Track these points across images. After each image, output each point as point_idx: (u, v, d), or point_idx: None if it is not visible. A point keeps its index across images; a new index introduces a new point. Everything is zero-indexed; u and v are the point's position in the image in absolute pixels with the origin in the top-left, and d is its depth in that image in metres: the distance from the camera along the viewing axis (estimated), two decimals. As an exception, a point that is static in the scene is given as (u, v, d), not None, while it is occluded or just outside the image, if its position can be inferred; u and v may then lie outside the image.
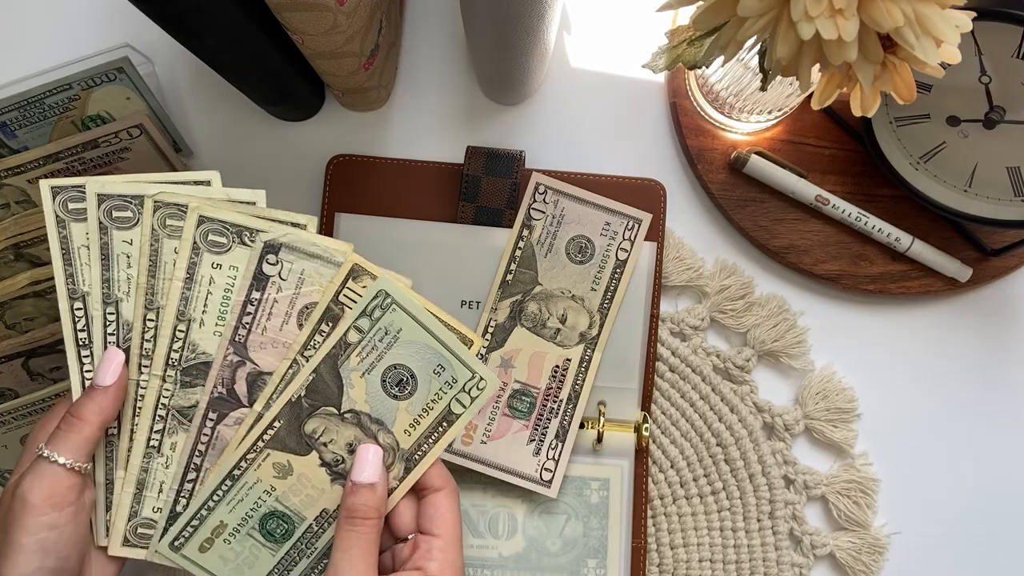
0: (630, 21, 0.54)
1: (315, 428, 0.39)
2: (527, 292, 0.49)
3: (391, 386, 0.39)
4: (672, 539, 0.51)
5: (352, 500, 0.38)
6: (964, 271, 0.52)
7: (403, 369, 0.39)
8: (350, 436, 0.39)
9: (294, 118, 0.53)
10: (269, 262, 0.39)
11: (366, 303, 0.38)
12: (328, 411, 0.39)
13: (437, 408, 0.39)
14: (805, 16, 0.29)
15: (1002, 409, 0.53)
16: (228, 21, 0.39)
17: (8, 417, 0.46)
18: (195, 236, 0.38)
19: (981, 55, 0.43)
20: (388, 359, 0.39)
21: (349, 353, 0.39)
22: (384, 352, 0.39)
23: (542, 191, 0.49)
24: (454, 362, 0.39)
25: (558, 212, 0.49)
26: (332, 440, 0.39)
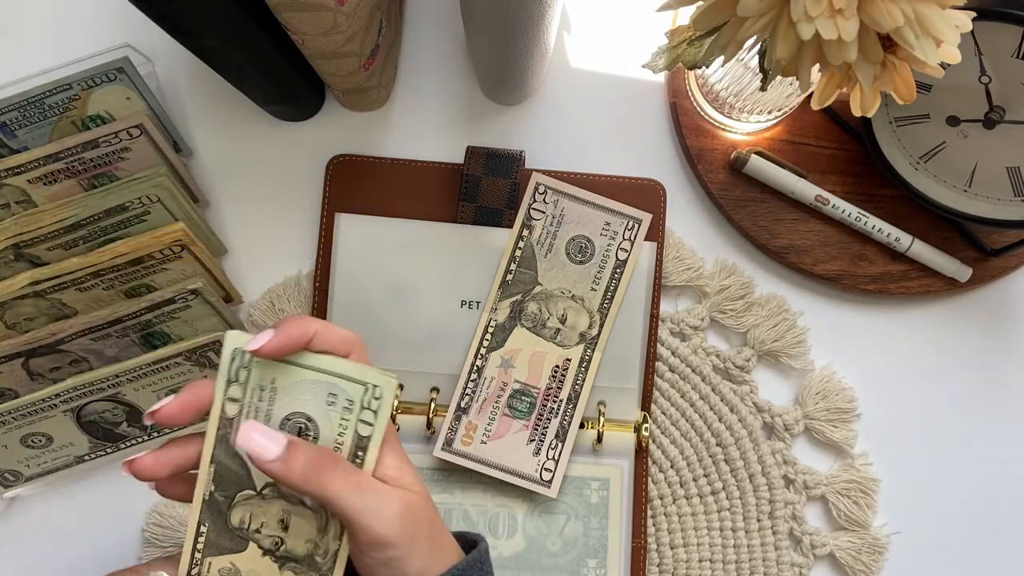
0: (630, 21, 0.54)
1: (241, 518, 0.36)
2: (527, 292, 0.49)
3: None
4: (672, 539, 0.51)
5: (279, 479, 0.33)
6: (964, 271, 0.52)
7: (298, 416, 0.35)
8: (277, 512, 0.36)
9: (294, 118, 0.53)
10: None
11: (227, 369, 0.34)
12: (246, 495, 0.36)
13: (347, 440, 0.36)
14: (805, 16, 0.29)
15: (1002, 409, 0.53)
16: (228, 21, 0.39)
17: (8, 417, 0.46)
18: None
19: (981, 55, 0.43)
20: (277, 413, 0.35)
21: (237, 427, 0.35)
22: (270, 409, 0.35)
23: (542, 191, 0.49)
24: (341, 383, 0.35)
25: (558, 212, 0.49)
26: (263, 523, 0.36)
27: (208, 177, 0.53)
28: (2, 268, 0.46)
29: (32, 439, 0.48)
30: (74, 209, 0.45)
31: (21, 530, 0.51)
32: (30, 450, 0.48)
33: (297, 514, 0.36)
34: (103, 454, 0.50)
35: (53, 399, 0.46)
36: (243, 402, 0.35)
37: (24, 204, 0.47)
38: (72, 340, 0.46)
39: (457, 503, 0.50)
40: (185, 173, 0.50)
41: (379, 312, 0.50)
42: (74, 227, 0.45)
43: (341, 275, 0.50)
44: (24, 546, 0.51)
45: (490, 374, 0.49)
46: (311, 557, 0.37)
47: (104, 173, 0.47)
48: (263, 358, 0.34)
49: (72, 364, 0.47)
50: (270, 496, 0.36)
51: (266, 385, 0.35)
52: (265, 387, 0.35)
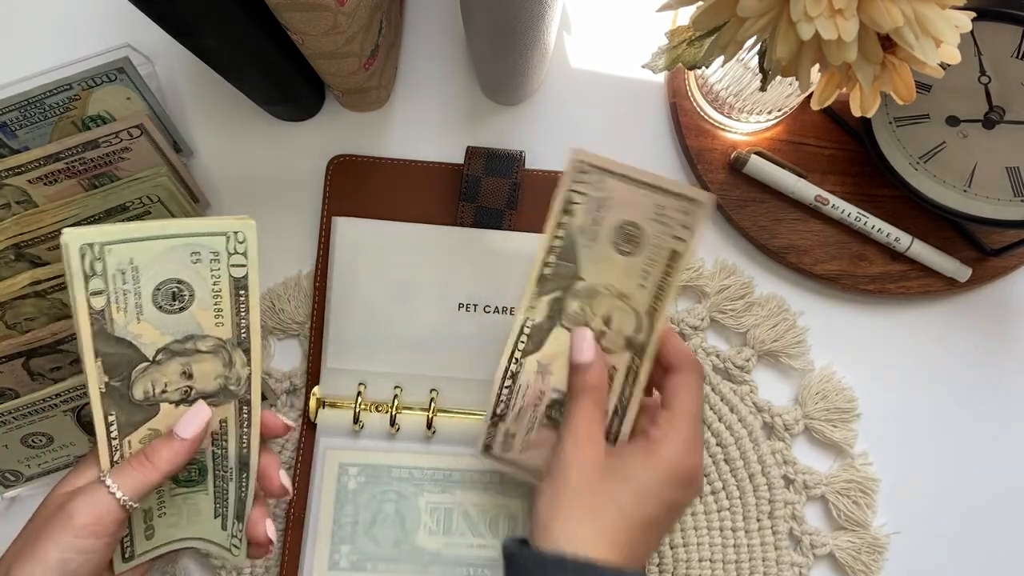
0: (630, 21, 0.54)
1: (144, 389, 0.37)
2: (567, 288, 0.43)
3: (168, 304, 0.37)
4: (672, 539, 0.51)
5: (573, 380, 0.41)
6: (963, 271, 0.52)
7: (169, 283, 0.36)
8: (176, 368, 0.38)
9: (294, 118, 0.53)
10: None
11: (80, 268, 0.35)
12: (141, 368, 0.37)
13: (224, 288, 0.37)
14: (805, 16, 0.29)
15: (1002, 408, 0.53)
16: (228, 21, 0.39)
17: (8, 417, 0.46)
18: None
19: (981, 55, 0.43)
20: (146, 288, 0.36)
21: (110, 316, 0.36)
22: (138, 288, 0.36)
23: (584, 170, 0.41)
24: (200, 240, 0.36)
25: (602, 194, 0.41)
26: (166, 383, 0.37)
27: (208, 177, 0.53)
28: (2, 268, 0.46)
29: (32, 439, 0.48)
30: (74, 209, 0.45)
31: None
32: (30, 450, 0.48)
33: (197, 361, 0.38)
34: (103, 454, 0.50)
35: (53, 399, 0.46)
36: (108, 291, 0.35)
37: (24, 204, 0.47)
38: (72, 340, 0.46)
39: (457, 503, 0.50)
40: (185, 173, 0.50)
41: (378, 313, 0.50)
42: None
43: (339, 277, 0.50)
44: (24, 546, 0.51)
45: (525, 380, 0.44)
46: (224, 388, 0.39)
47: (104, 173, 0.47)
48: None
49: (72, 364, 0.47)
50: (164, 359, 0.37)
51: (126, 268, 0.35)
52: (125, 269, 0.35)
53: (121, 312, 0.36)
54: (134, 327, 0.36)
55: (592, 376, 0.40)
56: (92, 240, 0.34)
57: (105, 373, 0.36)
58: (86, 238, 0.34)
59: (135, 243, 0.35)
